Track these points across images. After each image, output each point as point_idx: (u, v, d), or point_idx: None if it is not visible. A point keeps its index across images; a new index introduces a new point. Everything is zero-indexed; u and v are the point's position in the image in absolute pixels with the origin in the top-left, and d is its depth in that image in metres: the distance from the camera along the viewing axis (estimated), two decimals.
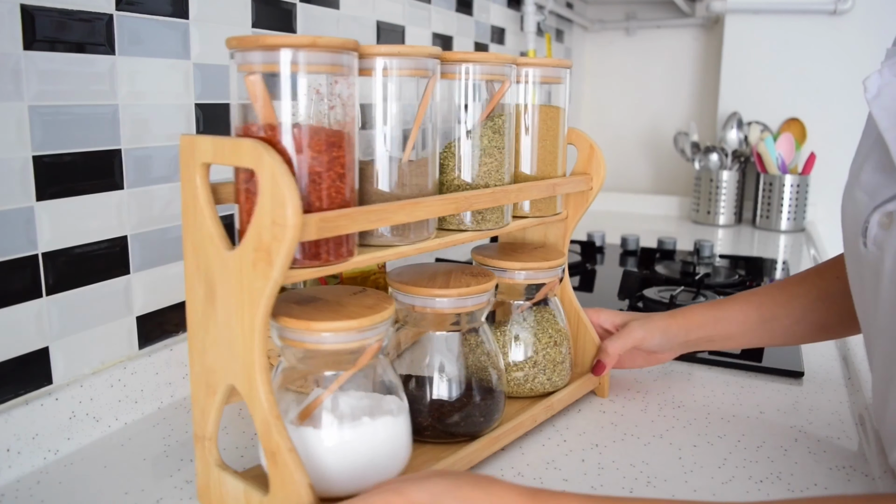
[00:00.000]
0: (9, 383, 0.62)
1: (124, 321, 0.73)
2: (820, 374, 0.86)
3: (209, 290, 0.51)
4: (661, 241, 1.53)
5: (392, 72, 0.56)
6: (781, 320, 0.77)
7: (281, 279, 0.46)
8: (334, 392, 0.54)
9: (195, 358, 0.54)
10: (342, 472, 0.53)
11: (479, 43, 1.47)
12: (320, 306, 0.54)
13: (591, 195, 0.77)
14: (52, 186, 0.64)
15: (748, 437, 0.70)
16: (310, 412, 0.54)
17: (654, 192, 2.19)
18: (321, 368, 0.54)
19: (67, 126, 0.65)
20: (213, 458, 0.55)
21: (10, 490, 0.59)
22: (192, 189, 0.51)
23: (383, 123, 0.56)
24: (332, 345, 0.52)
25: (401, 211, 0.54)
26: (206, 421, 0.54)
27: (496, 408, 0.66)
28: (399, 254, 0.57)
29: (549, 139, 0.73)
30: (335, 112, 0.50)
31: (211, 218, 0.50)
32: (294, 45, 0.48)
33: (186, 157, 0.51)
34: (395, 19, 1.15)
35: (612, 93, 2.21)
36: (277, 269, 0.46)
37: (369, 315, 0.52)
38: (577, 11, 2.08)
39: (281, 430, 0.48)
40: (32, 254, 0.63)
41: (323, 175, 0.50)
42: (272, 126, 0.49)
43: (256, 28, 0.86)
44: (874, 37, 1.77)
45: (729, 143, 1.85)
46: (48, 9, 0.62)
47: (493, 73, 0.64)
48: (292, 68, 0.48)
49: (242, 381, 0.50)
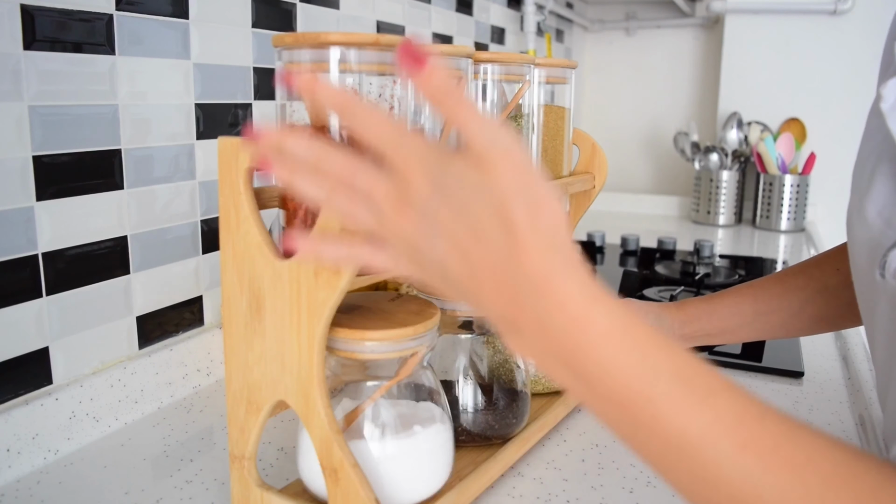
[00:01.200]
0: (9, 383, 0.62)
1: (124, 321, 0.73)
2: (820, 374, 0.86)
3: (256, 303, 0.48)
4: (661, 241, 1.53)
5: None
6: (778, 313, 0.76)
7: (347, 288, 0.44)
8: (377, 401, 0.52)
9: (234, 374, 0.51)
10: (387, 484, 0.51)
11: (479, 43, 1.47)
12: (365, 314, 0.52)
13: (593, 194, 0.77)
14: (52, 186, 0.64)
15: None
16: (349, 423, 0.51)
17: (654, 192, 2.19)
18: (362, 377, 0.53)
19: (67, 126, 0.65)
20: (252, 478, 0.53)
21: (10, 490, 0.59)
22: (236, 195, 0.48)
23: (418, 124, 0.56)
24: (382, 354, 0.50)
25: None
26: (247, 440, 0.52)
27: (525, 408, 0.66)
28: None
29: (555, 139, 0.73)
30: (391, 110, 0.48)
31: (258, 226, 0.48)
32: (348, 44, 0.44)
33: (228, 161, 0.48)
34: (395, 19, 1.15)
35: (612, 93, 2.21)
36: (346, 279, 0.44)
37: (420, 322, 0.51)
38: (577, 11, 2.08)
39: (343, 445, 0.47)
40: (32, 254, 0.63)
41: None
42: (323, 128, 0.46)
43: (256, 28, 0.86)
44: (874, 37, 1.77)
45: (729, 143, 1.85)
46: (48, 9, 0.62)
47: (511, 73, 0.64)
48: (342, 66, 0.45)
49: (297, 397, 0.48)
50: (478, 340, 0.64)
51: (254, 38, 0.86)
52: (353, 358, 0.51)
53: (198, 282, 0.82)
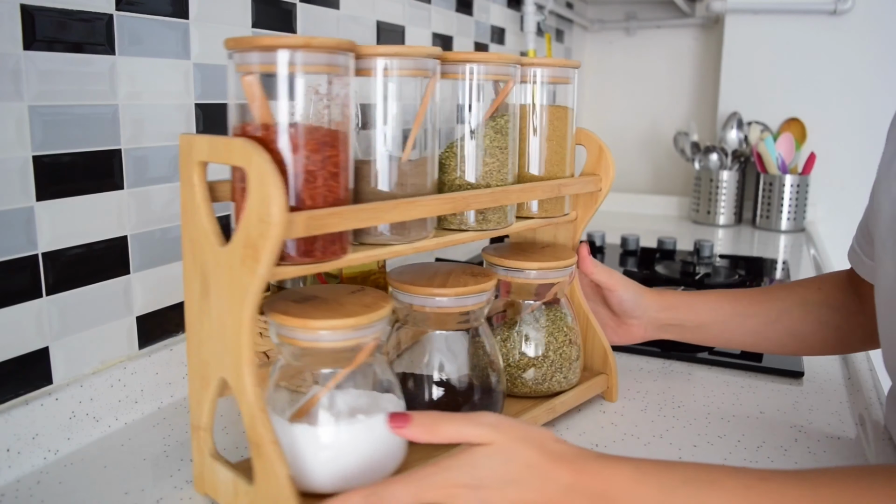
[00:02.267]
0: (9, 383, 0.62)
1: (124, 321, 0.73)
2: (820, 374, 0.86)
3: (204, 286, 0.52)
4: (661, 241, 1.53)
5: (392, 72, 0.56)
6: (755, 318, 0.77)
7: (267, 275, 0.47)
8: (331, 390, 0.54)
9: (192, 350, 0.56)
10: (336, 469, 0.53)
11: (478, 43, 1.47)
12: (318, 304, 0.54)
13: (600, 196, 0.76)
14: (52, 186, 0.64)
15: (748, 437, 0.70)
16: (307, 409, 0.54)
17: (654, 192, 2.19)
18: (318, 366, 0.55)
19: (67, 126, 0.65)
20: (207, 448, 0.57)
21: (10, 490, 0.59)
22: (190, 187, 0.52)
23: (383, 123, 0.56)
24: (327, 343, 0.52)
25: (394, 210, 0.54)
26: (202, 412, 0.56)
27: (494, 409, 0.65)
28: (395, 252, 0.57)
29: (557, 139, 0.72)
30: (330, 112, 0.51)
31: (207, 215, 0.51)
32: (291, 46, 0.48)
33: (185, 155, 0.52)
34: (395, 19, 1.16)
35: (612, 93, 2.21)
36: (264, 266, 0.47)
37: (366, 313, 0.53)
38: (577, 11, 2.08)
39: (265, 422, 0.50)
40: (32, 254, 0.63)
41: (316, 174, 0.50)
42: (267, 125, 0.49)
43: (256, 28, 0.86)
44: (874, 37, 1.77)
45: (729, 143, 1.85)
46: (48, 9, 0.62)
47: (497, 73, 0.64)
48: (289, 69, 0.49)
49: (232, 375, 0.51)
50: (453, 337, 0.65)
51: None
52: (296, 345, 0.53)
53: None
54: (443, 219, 0.65)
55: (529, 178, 0.72)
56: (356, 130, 0.56)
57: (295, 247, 0.50)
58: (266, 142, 0.49)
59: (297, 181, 0.49)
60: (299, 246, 0.50)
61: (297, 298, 0.56)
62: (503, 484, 0.47)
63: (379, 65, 0.55)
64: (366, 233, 0.57)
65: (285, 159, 0.49)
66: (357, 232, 0.57)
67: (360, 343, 0.53)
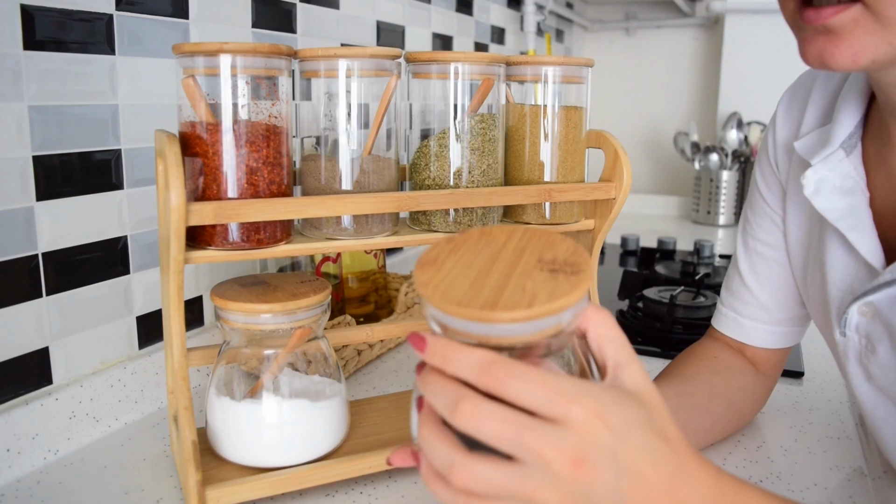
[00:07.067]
0: (9, 383, 0.62)
1: (124, 321, 0.73)
2: (820, 374, 0.86)
3: (165, 259, 0.56)
4: (662, 241, 1.53)
5: (353, 72, 0.59)
6: None
7: (180, 257, 0.52)
8: (276, 374, 0.58)
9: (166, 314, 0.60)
10: (278, 444, 0.57)
11: (479, 43, 1.47)
12: (259, 290, 0.58)
13: (614, 204, 0.67)
14: (52, 186, 0.64)
15: (748, 437, 0.70)
16: (256, 390, 0.58)
17: (654, 192, 2.19)
18: (260, 349, 0.58)
19: (67, 126, 0.65)
20: (172, 411, 0.62)
21: (10, 490, 0.59)
22: (157, 175, 0.57)
23: (346, 122, 0.59)
24: (260, 325, 0.56)
25: (319, 205, 0.56)
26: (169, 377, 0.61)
27: None
28: (345, 247, 0.59)
29: (572, 141, 0.68)
30: (269, 110, 0.55)
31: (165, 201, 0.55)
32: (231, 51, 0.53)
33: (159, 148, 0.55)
34: (395, 19, 1.16)
35: (612, 93, 2.21)
36: (174, 248, 0.51)
37: (292, 300, 0.56)
38: (577, 11, 2.08)
39: (184, 390, 0.54)
40: (32, 254, 0.63)
41: (255, 168, 0.54)
42: (204, 123, 0.54)
43: (256, 28, 0.86)
44: None
45: (729, 143, 1.85)
46: (48, 9, 0.62)
47: (478, 72, 0.62)
48: (231, 71, 0.54)
49: (167, 346, 0.57)
50: None
51: (254, 39, 0.86)
52: (229, 325, 0.57)
53: (197, 282, 0.82)
54: (414, 217, 0.64)
55: (527, 181, 0.67)
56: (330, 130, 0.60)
57: (239, 233, 0.55)
58: (197, 137, 0.54)
59: (232, 174, 0.54)
60: (242, 233, 0.55)
61: (245, 283, 0.60)
62: (636, 449, 0.38)
63: (342, 66, 0.58)
64: (315, 226, 0.60)
65: (219, 153, 0.54)
66: (308, 223, 0.61)
67: (290, 328, 0.57)
